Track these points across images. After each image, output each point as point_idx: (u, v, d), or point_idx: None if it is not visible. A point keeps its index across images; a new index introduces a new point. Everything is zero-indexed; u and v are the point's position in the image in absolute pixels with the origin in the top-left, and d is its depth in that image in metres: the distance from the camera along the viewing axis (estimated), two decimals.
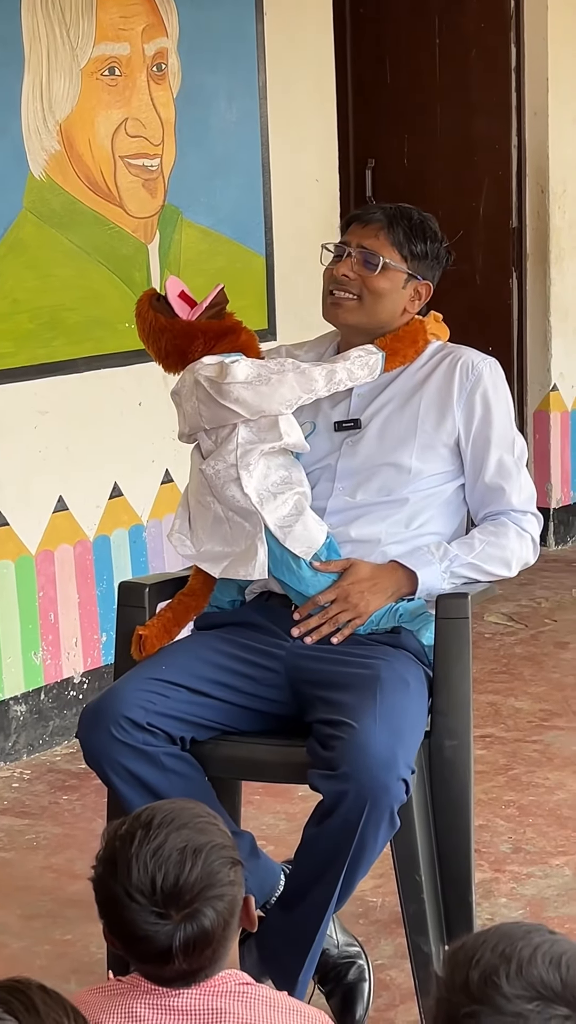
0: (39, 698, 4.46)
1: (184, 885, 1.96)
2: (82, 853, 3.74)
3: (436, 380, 3.03)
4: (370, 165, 6.48)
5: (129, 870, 1.97)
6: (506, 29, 6.13)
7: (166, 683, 2.81)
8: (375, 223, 3.05)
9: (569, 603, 5.71)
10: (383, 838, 2.68)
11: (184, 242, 4.75)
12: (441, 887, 2.90)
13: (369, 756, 2.61)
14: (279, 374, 2.94)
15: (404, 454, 3.00)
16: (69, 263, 4.43)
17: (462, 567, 2.95)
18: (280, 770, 2.93)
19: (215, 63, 4.78)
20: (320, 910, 2.70)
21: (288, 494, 2.93)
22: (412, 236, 3.05)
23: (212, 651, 2.91)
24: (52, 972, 3.20)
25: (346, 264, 3.03)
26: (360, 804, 2.60)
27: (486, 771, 4.14)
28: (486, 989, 1.50)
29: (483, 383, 3.02)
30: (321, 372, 2.96)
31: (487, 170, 6.27)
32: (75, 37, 4.35)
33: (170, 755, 2.77)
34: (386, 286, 3.02)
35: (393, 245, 3.04)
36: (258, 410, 2.92)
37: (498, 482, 3.02)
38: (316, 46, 5.19)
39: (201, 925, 1.96)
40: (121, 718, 2.74)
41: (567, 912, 3.40)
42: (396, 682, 2.77)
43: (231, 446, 2.93)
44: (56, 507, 4.46)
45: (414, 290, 3.06)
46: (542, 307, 6.31)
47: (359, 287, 3.02)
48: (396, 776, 2.63)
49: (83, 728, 2.81)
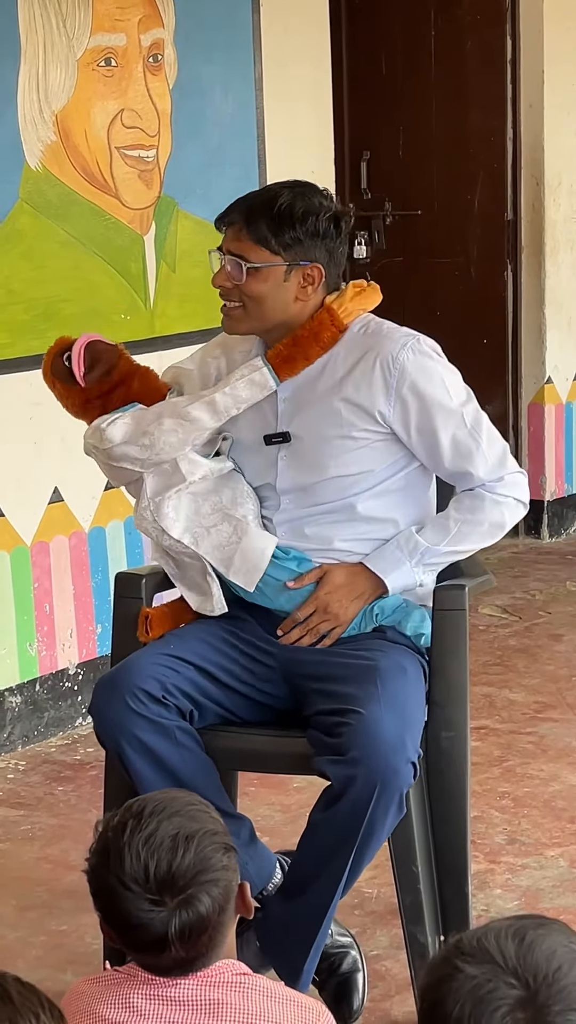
0: (34, 689, 4.46)
1: (177, 871, 1.97)
2: (77, 844, 3.74)
3: (356, 379, 2.87)
4: (365, 157, 6.47)
5: (122, 859, 1.98)
6: (501, 21, 6.12)
7: (176, 659, 2.82)
8: (234, 225, 2.88)
9: (563, 595, 5.71)
10: (391, 823, 2.68)
11: (180, 233, 4.74)
12: (437, 878, 2.91)
13: (379, 740, 2.62)
14: (156, 422, 2.90)
15: (339, 462, 2.89)
16: (65, 254, 4.42)
17: (436, 556, 2.90)
18: (278, 761, 2.94)
19: (211, 54, 4.78)
20: (326, 898, 2.70)
21: (222, 524, 2.90)
22: (278, 226, 2.84)
23: (216, 638, 2.92)
24: (47, 963, 3.21)
25: (221, 274, 2.89)
26: (370, 788, 2.61)
27: (481, 763, 4.15)
28: (452, 951, 1.51)
29: (408, 375, 2.84)
30: (200, 407, 2.89)
31: (482, 162, 6.27)
32: (71, 28, 4.34)
33: (182, 730, 2.78)
34: (262, 288, 2.86)
35: (258, 243, 2.85)
36: (152, 462, 2.91)
37: (460, 464, 2.89)
38: (312, 38, 5.18)
39: (196, 911, 1.96)
40: (137, 689, 2.75)
41: (562, 903, 3.40)
42: (394, 670, 2.78)
43: (144, 501, 2.95)
44: (51, 498, 4.46)
45: (302, 277, 2.86)
46: (537, 299, 6.31)
47: (239, 294, 2.88)
48: (406, 759, 2.65)
49: (98, 698, 2.80)
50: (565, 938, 1.51)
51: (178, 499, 2.91)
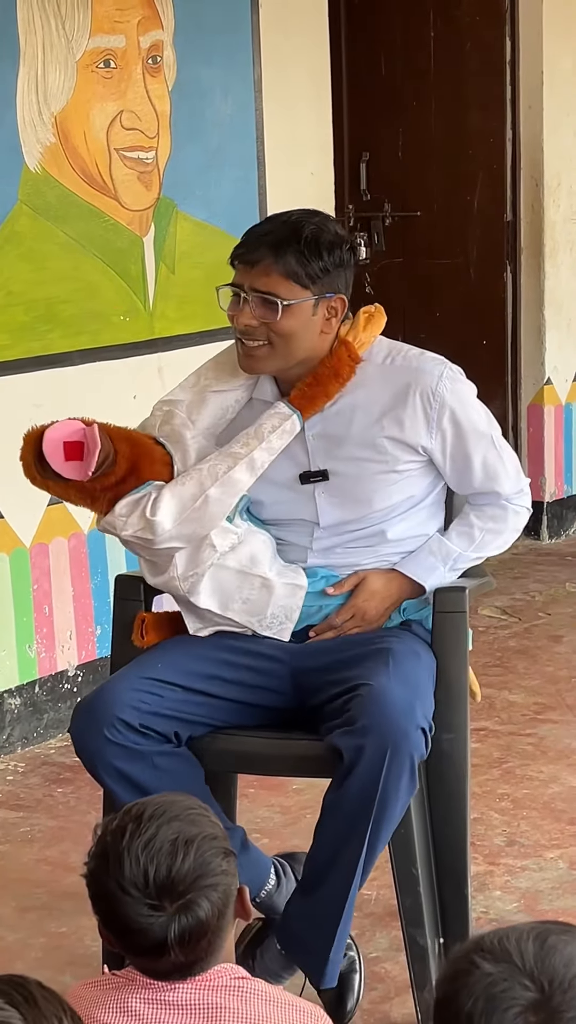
0: (33, 691, 4.46)
1: (176, 876, 1.97)
2: (76, 846, 3.74)
3: (397, 415, 2.85)
4: (364, 158, 6.47)
5: (121, 864, 1.98)
6: (501, 22, 6.12)
7: (160, 682, 2.80)
8: (262, 262, 2.76)
9: (563, 597, 5.71)
10: (404, 794, 2.66)
11: (179, 235, 4.74)
12: (437, 880, 2.90)
13: (387, 705, 2.63)
14: (202, 497, 2.81)
15: (383, 495, 2.91)
16: (64, 256, 4.42)
17: (464, 562, 2.96)
18: (277, 763, 2.94)
19: (210, 56, 4.78)
20: (347, 882, 2.68)
21: (245, 585, 2.86)
22: (306, 258, 2.76)
23: (209, 647, 2.90)
24: (47, 964, 3.20)
25: (245, 313, 2.78)
26: (381, 753, 2.60)
27: (480, 764, 4.14)
28: (472, 948, 1.50)
29: (447, 406, 2.85)
30: (241, 469, 2.82)
31: (481, 163, 6.27)
32: (70, 29, 4.34)
33: (162, 754, 2.76)
34: (294, 324, 2.78)
35: (288, 277, 2.76)
36: (194, 538, 2.83)
37: (488, 484, 2.95)
38: (311, 39, 5.18)
39: (195, 916, 1.96)
40: (115, 719, 2.73)
41: (561, 905, 3.40)
42: (407, 653, 2.81)
43: (171, 576, 2.86)
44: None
45: (327, 309, 2.82)
46: (536, 300, 6.31)
47: (265, 333, 2.79)
48: (415, 724, 2.64)
49: (76, 727, 2.80)
50: None
51: (205, 580, 2.85)
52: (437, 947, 2.90)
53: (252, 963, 2.86)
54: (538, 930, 1.50)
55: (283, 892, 2.94)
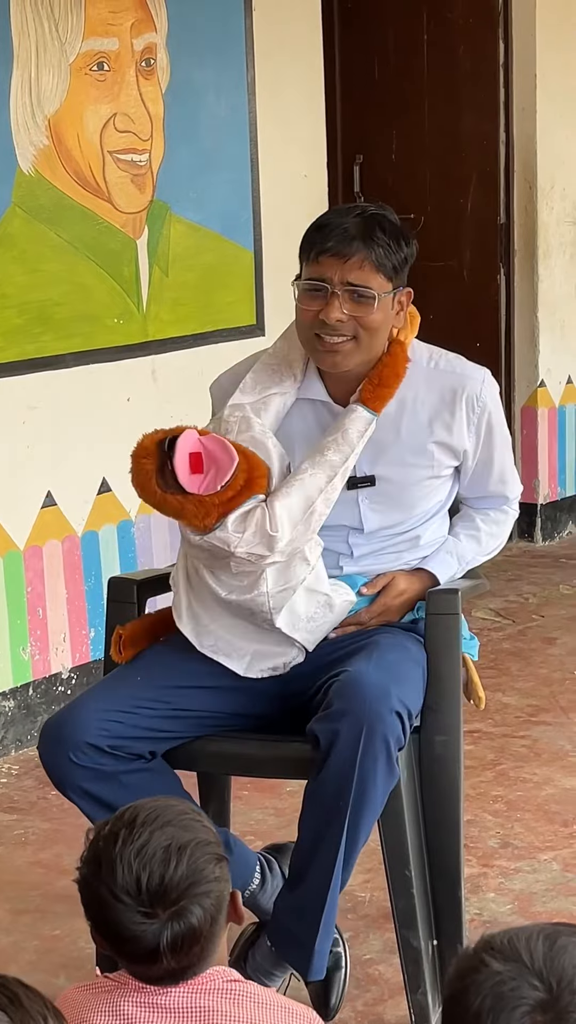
0: (27, 693, 4.46)
1: (170, 883, 1.96)
2: (70, 848, 3.74)
3: (445, 420, 2.87)
4: (358, 161, 6.48)
5: (114, 870, 1.97)
6: (494, 25, 6.13)
7: (137, 700, 2.76)
8: (356, 254, 2.72)
9: (556, 598, 5.72)
10: (382, 780, 2.63)
11: (172, 237, 4.75)
12: (430, 882, 2.90)
13: (362, 688, 2.62)
14: (308, 507, 2.74)
15: (426, 500, 2.95)
16: (57, 258, 4.42)
17: (470, 564, 3.04)
18: (270, 765, 2.93)
19: (204, 58, 4.78)
20: (327, 871, 2.66)
21: (313, 606, 2.83)
22: (391, 249, 2.75)
23: (194, 656, 2.85)
24: (40, 967, 3.20)
25: (335, 307, 2.73)
26: (356, 735, 2.58)
27: (474, 766, 4.15)
28: (481, 947, 1.51)
29: (487, 410, 2.90)
30: (340, 479, 2.78)
31: (475, 166, 6.28)
32: (64, 32, 4.35)
33: (130, 772, 2.73)
34: (382, 318, 2.77)
35: (379, 270, 2.74)
36: (295, 552, 2.77)
37: (499, 487, 3.04)
38: (304, 41, 5.19)
39: (188, 923, 1.95)
40: (82, 744, 2.70)
41: (555, 907, 3.41)
42: (393, 645, 2.81)
43: (259, 592, 2.76)
44: (44, 502, 4.46)
45: (398, 303, 2.81)
46: (530, 303, 6.32)
47: (353, 327, 2.75)
48: (389, 707, 2.61)
49: (42, 748, 2.77)
50: None
51: (291, 598, 2.78)
52: (431, 949, 2.90)
53: (245, 965, 2.86)
54: (548, 931, 1.50)
55: (268, 891, 2.93)
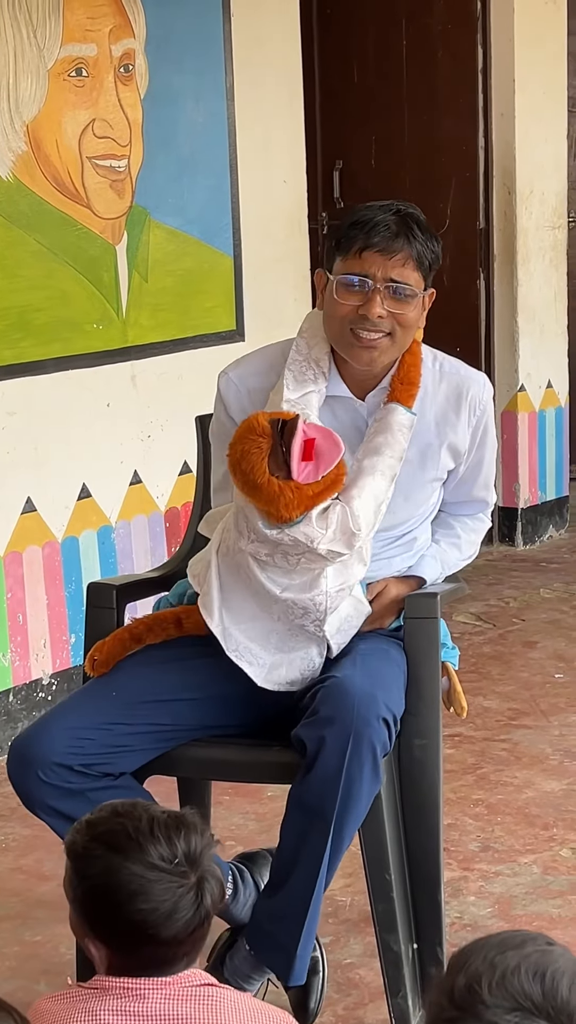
0: (8, 700, 4.45)
1: (194, 848, 2.00)
2: (51, 854, 3.73)
3: (452, 423, 2.89)
4: (338, 166, 6.49)
5: (141, 846, 1.98)
6: (473, 30, 6.14)
7: (108, 719, 2.74)
8: (400, 251, 2.74)
9: (537, 602, 5.73)
10: (367, 787, 2.64)
11: (152, 243, 4.75)
12: (410, 886, 2.91)
13: (349, 694, 2.62)
14: (376, 508, 2.74)
15: (429, 500, 2.98)
16: (37, 264, 4.42)
17: (452, 571, 3.06)
18: (250, 770, 2.94)
19: (182, 64, 4.78)
20: (311, 877, 2.66)
21: (348, 608, 2.81)
22: (426, 247, 2.77)
23: (171, 668, 2.85)
24: (21, 973, 3.20)
25: (375, 302, 2.73)
26: (342, 742, 2.59)
27: (455, 770, 4.15)
28: (468, 996, 1.50)
29: (486, 414, 2.94)
30: (389, 477, 2.78)
31: (454, 171, 6.29)
32: (42, 38, 4.34)
33: (98, 789, 2.71)
34: (416, 316, 2.80)
35: (418, 268, 2.77)
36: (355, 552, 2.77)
37: (481, 493, 3.06)
38: (283, 47, 5.19)
39: (212, 890, 2.00)
40: (51, 764, 2.70)
41: (535, 910, 3.41)
42: (375, 651, 2.82)
43: (318, 591, 2.73)
44: (24, 508, 4.46)
45: (424, 301, 2.84)
46: (509, 308, 6.33)
47: (391, 324, 2.76)
48: (375, 713, 2.62)
49: (10, 765, 2.76)
50: (573, 962, 1.52)
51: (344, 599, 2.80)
52: (411, 953, 2.90)
53: (222, 969, 2.86)
54: (526, 964, 1.50)
55: (240, 900, 2.93)
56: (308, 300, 5.39)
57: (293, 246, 5.31)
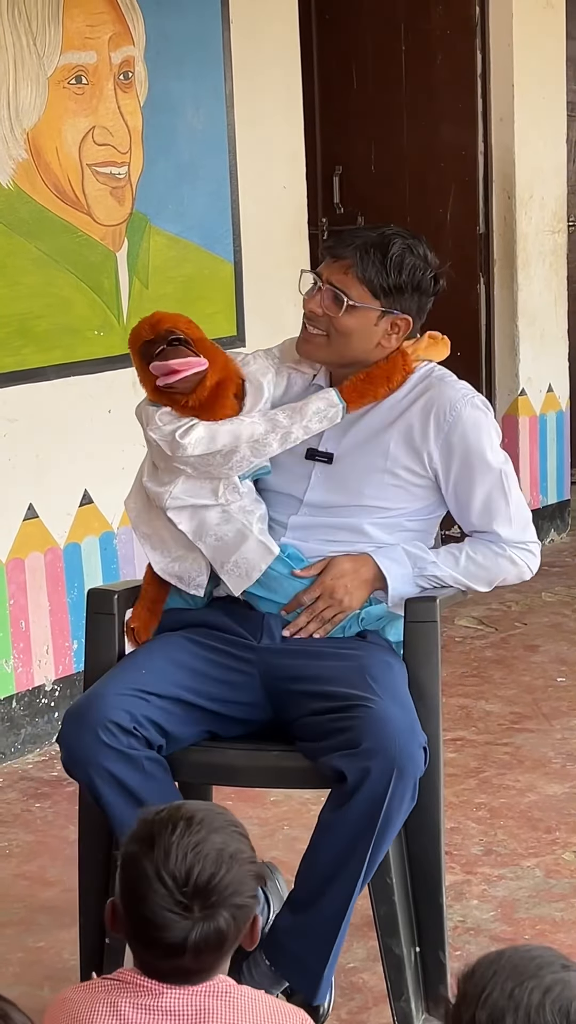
0: (10, 706, 4.46)
1: (216, 885, 1.99)
2: (54, 860, 3.74)
3: (410, 418, 2.95)
4: (337, 172, 6.50)
5: (167, 854, 1.99)
6: (472, 36, 6.15)
7: (147, 692, 2.81)
8: (345, 259, 2.91)
9: (539, 606, 5.73)
10: (405, 812, 2.71)
11: (152, 249, 4.76)
12: (412, 890, 2.91)
13: (392, 728, 2.66)
14: (232, 446, 2.89)
15: (374, 493, 2.97)
16: (37, 271, 4.43)
17: (435, 579, 2.97)
18: (251, 774, 2.95)
19: (182, 71, 4.79)
20: (345, 899, 2.71)
21: (226, 526, 2.93)
22: (386, 271, 2.90)
23: (188, 654, 2.92)
24: (25, 979, 3.20)
25: (315, 300, 2.93)
26: (387, 776, 2.64)
27: (457, 774, 4.16)
28: None
29: (461, 423, 2.93)
30: (276, 438, 2.91)
31: (454, 176, 6.30)
32: (42, 46, 4.36)
33: (150, 760, 2.78)
34: (352, 325, 2.92)
35: (363, 283, 2.90)
36: (205, 474, 2.93)
37: (486, 522, 2.99)
38: (282, 53, 5.20)
39: (218, 927, 1.99)
40: (108, 722, 2.74)
41: (538, 913, 3.42)
42: (380, 665, 2.83)
43: (167, 490, 2.94)
44: (26, 515, 4.46)
45: (390, 325, 2.94)
46: (510, 312, 6.34)
47: (327, 324, 2.93)
48: (419, 744, 2.70)
49: (68, 730, 2.79)
50: None
51: (190, 511, 2.94)
52: (413, 956, 2.91)
53: (240, 978, 2.86)
54: (550, 999, 1.50)
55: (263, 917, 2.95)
56: None
57: (293, 252, 5.32)
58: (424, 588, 2.96)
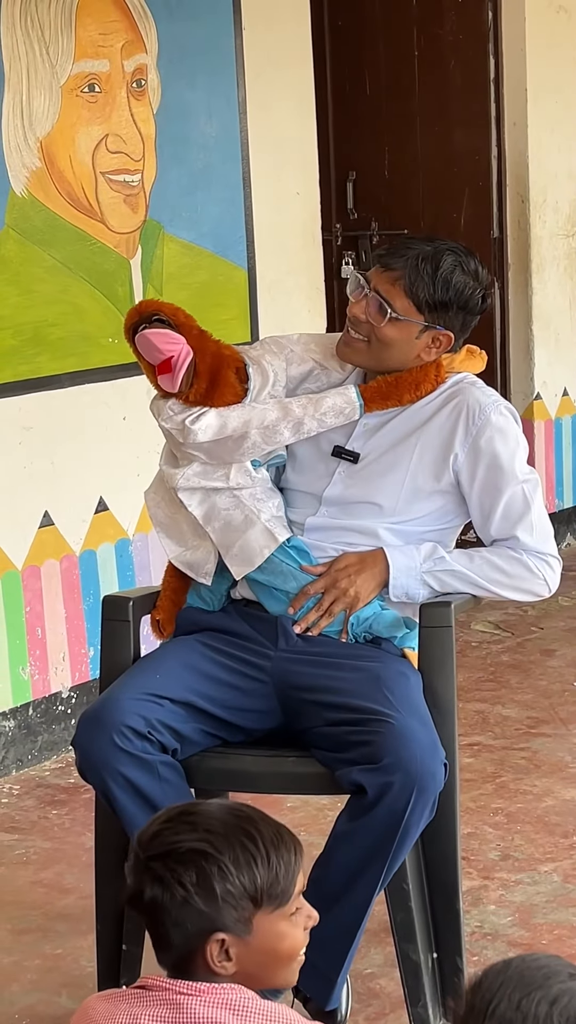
0: (27, 713, 4.47)
1: (178, 847, 2.01)
2: (71, 867, 3.75)
3: (438, 422, 2.96)
4: (351, 177, 6.50)
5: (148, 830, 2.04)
6: (484, 40, 6.15)
7: (160, 696, 2.82)
8: (395, 271, 2.93)
9: (555, 611, 5.72)
10: (423, 824, 2.73)
11: (166, 256, 4.76)
12: (429, 895, 2.91)
13: (414, 744, 2.67)
14: (242, 432, 2.91)
15: (393, 495, 2.97)
16: (51, 279, 4.44)
17: (447, 574, 2.94)
18: (266, 781, 2.94)
19: (194, 78, 4.80)
20: (361, 909, 2.73)
21: (235, 511, 2.96)
22: (434, 287, 2.92)
23: (202, 659, 2.93)
24: (42, 986, 3.21)
25: (360, 305, 2.95)
26: (408, 792, 2.65)
27: (474, 779, 4.16)
28: None
29: (489, 428, 2.94)
30: (288, 427, 2.93)
31: (467, 180, 6.29)
32: (55, 54, 4.37)
33: (165, 764, 2.79)
34: (394, 335, 2.94)
35: (409, 296, 2.92)
36: (218, 459, 2.95)
37: (508, 529, 2.98)
38: (295, 59, 5.21)
39: (184, 891, 2.00)
40: (123, 726, 2.75)
41: (555, 918, 3.41)
42: (396, 676, 2.83)
43: (180, 471, 2.97)
44: (42, 522, 4.47)
45: (432, 339, 2.96)
46: (524, 316, 6.33)
47: (368, 331, 2.95)
48: (440, 760, 2.71)
49: (83, 735, 2.80)
50: None
51: (201, 494, 2.98)
52: (430, 962, 2.90)
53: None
54: (558, 1010, 1.48)
55: None
56: (323, 311, 5.40)
57: (307, 258, 5.32)
58: (433, 589, 2.93)
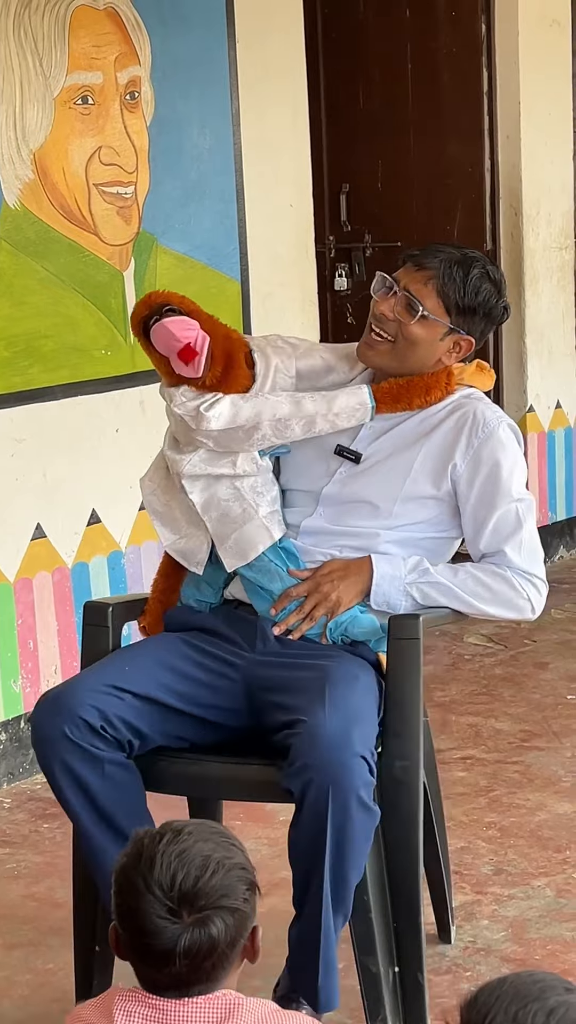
0: (19, 726, 4.45)
1: (201, 889, 2.00)
2: (63, 881, 3.72)
3: (443, 432, 2.99)
4: (344, 190, 6.51)
5: (152, 863, 2.02)
6: (477, 53, 6.16)
7: (123, 690, 2.84)
8: (428, 270, 2.97)
9: (548, 623, 5.72)
10: (359, 824, 2.67)
11: (159, 268, 4.76)
12: (392, 909, 2.88)
13: (322, 740, 2.65)
14: (253, 421, 2.93)
15: (385, 496, 2.99)
16: (44, 291, 4.43)
17: (431, 586, 2.94)
18: (230, 787, 2.95)
19: (188, 90, 4.80)
20: (315, 910, 2.71)
21: (234, 503, 2.98)
22: (464, 291, 2.97)
23: (176, 656, 2.94)
24: (33, 1001, 3.20)
25: (388, 303, 2.98)
26: (323, 790, 2.63)
27: (467, 793, 4.15)
28: None
29: (492, 441, 2.96)
30: (300, 423, 2.95)
31: (460, 193, 6.30)
32: (48, 66, 4.36)
33: (113, 762, 2.80)
34: (420, 335, 2.97)
35: (439, 296, 2.96)
36: (226, 447, 2.97)
37: (496, 541, 2.98)
38: (288, 72, 5.21)
39: (208, 933, 1.99)
40: (77, 717, 2.78)
41: (549, 933, 3.40)
42: (345, 677, 2.82)
43: (185, 458, 2.99)
44: (34, 534, 4.46)
45: (453, 343, 3.00)
46: (517, 329, 6.33)
47: (395, 329, 2.97)
48: (352, 753, 2.65)
49: (39, 716, 2.84)
50: None
51: (205, 481, 2.99)
52: (391, 976, 2.87)
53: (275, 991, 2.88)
54: (553, 1015, 1.49)
55: None
56: (316, 323, 5.40)
57: (300, 270, 5.32)
58: (416, 601, 2.93)
